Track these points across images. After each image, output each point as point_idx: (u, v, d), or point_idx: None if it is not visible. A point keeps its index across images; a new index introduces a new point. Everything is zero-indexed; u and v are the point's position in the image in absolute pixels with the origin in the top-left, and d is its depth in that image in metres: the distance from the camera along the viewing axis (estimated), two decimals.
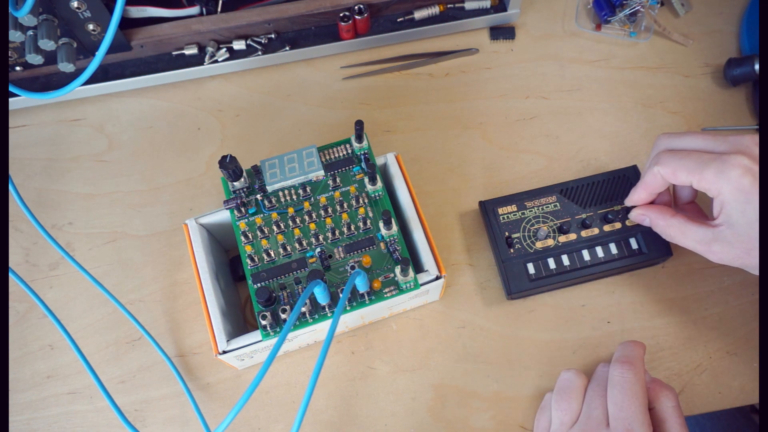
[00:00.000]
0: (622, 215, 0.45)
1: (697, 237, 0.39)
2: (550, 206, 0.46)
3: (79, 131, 0.54)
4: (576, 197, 0.46)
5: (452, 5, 0.55)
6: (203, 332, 0.46)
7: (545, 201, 0.46)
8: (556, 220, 0.45)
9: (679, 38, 0.55)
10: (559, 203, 0.46)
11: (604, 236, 0.45)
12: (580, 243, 0.45)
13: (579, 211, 0.46)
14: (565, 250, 0.45)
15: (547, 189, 0.47)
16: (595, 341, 0.45)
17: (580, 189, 0.46)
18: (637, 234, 0.45)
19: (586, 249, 0.45)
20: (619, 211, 0.45)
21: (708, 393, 0.43)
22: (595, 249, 0.45)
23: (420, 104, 0.54)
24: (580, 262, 0.44)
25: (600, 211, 0.46)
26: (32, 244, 0.50)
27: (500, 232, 0.45)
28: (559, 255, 0.45)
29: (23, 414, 0.44)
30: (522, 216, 0.46)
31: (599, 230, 0.45)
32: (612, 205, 0.46)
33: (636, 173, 0.47)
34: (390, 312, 0.44)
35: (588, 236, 0.45)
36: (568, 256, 0.45)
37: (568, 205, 0.46)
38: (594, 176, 0.47)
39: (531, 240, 0.45)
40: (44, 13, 0.44)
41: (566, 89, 0.54)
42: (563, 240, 0.45)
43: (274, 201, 0.43)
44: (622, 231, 0.45)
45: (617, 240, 0.45)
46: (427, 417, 0.43)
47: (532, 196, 0.46)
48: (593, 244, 0.45)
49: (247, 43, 0.53)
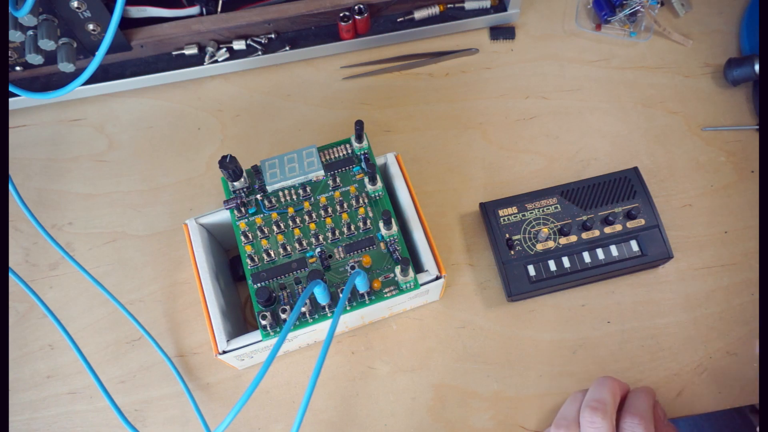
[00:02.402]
0: (623, 217, 0.45)
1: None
2: (550, 208, 0.46)
3: (79, 131, 0.54)
4: (576, 199, 0.46)
5: (452, 5, 0.55)
6: (203, 332, 0.46)
7: (546, 203, 0.46)
8: (556, 222, 0.45)
9: (679, 38, 0.55)
10: (559, 205, 0.46)
11: (604, 238, 0.45)
12: (580, 245, 0.45)
13: (579, 213, 0.46)
14: (566, 252, 0.45)
15: (548, 191, 0.46)
16: (595, 341, 0.45)
17: (580, 191, 0.46)
18: (637, 236, 0.45)
19: (586, 251, 0.45)
20: (620, 213, 0.45)
21: (708, 393, 0.43)
22: (595, 251, 0.45)
23: (420, 104, 0.54)
24: (580, 264, 0.44)
25: (601, 213, 0.45)
26: (32, 244, 0.50)
27: (501, 234, 0.45)
28: (560, 257, 0.45)
29: (23, 414, 0.44)
30: (522, 218, 0.46)
31: (600, 232, 0.45)
32: (613, 207, 0.46)
33: (636, 175, 0.46)
34: (390, 312, 0.44)
35: (589, 238, 0.45)
36: (569, 257, 0.45)
37: (569, 207, 0.46)
38: (595, 178, 0.47)
39: (531, 242, 0.45)
40: (44, 13, 0.44)
41: (566, 89, 0.54)
42: (564, 242, 0.45)
43: (274, 201, 0.43)
44: (622, 233, 0.45)
45: (618, 242, 0.45)
46: (427, 417, 0.43)
47: (532, 198, 0.46)
48: (594, 246, 0.45)
49: (247, 43, 0.53)
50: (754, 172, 0.50)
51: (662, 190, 0.49)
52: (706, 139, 0.51)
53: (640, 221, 0.45)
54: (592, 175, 0.50)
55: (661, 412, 0.40)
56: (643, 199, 0.46)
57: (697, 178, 0.50)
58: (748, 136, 0.51)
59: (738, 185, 0.49)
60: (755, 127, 0.51)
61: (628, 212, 0.45)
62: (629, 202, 0.46)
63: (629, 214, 0.45)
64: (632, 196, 0.46)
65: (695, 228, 0.48)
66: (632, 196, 0.46)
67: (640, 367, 0.44)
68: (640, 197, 0.46)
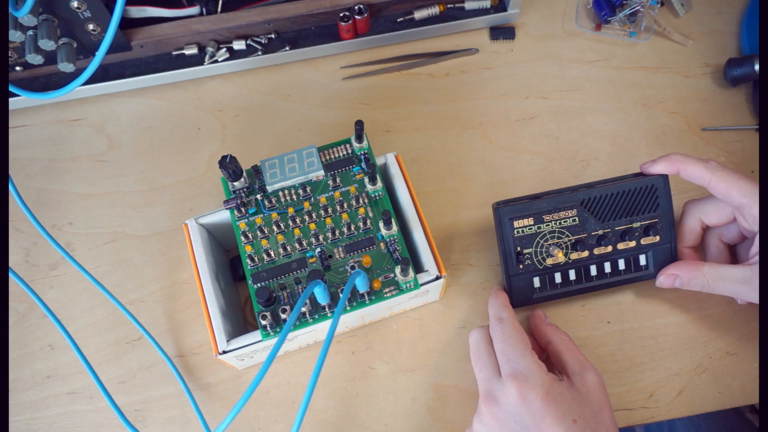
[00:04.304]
0: (640, 234, 0.43)
1: (736, 278, 0.39)
2: (568, 221, 0.43)
3: (79, 131, 0.54)
4: (597, 210, 0.43)
5: (452, 5, 0.55)
6: (203, 332, 0.46)
7: (564, 215, 0.43)
8: (571, 237, 0.43)
9: (679, 38, 0.55)
10: (578, 218, 0.43)
11: (615, 253, 0.43)
12: (590, 260, 0.43)
13: (597, 226, 0.43)
14: (574, 266, 0.44)
15: (568, 198, 0.43)
16: (595, 341, 0.45)
17: (603, 200, 0.43)
18: (648, 251, 0.44)
19: (594, 265, 0.44)
20: (638, 228, 0.43)
21: (708, 393, 0.43)
22: (603, 264, 0.44)
23: (420, 104, 0.54)
24: (586, 278, 0.44)
25: (618, 228, 0.43)
26: (32, 244, 0.50)
27: (512, 247, 0.43)
28: (567, 270, 0.44)
29: (23, 414, 0.44)
30: (538, 230, 0.43)
31: (612, 248, 0.43)
32: (632, 222, 0.43)
33: (665, 184, 0.43)
34: (390, 312, 0.44)
35: (600, 253, 0.43)
36: (575, 271, 0.44)
37: (587, 219, 0.43)
38: (621, 184, 0.43)
39: (542, 256, 0.43)
40: (44, 13, 0.44)
41: (566, 89, 0.54)
42: (575, 257, 0.43)
43: (274, 201, 0.43)
44: (634, 249, 0.44)
45: (627, 257, 0.44)
46: (427, 417, 0.43)
47: (551, 207, 0.42)
48: (603, 260, 0.44)
49: (247, 43, 0.53)
50: (754, 172, 0.50)
51: None
52: (706, 139, 0.51)
53: (655, 238, 0.43)
54: (592, 175, 0.50)
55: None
56: (665, 212, 0.43)
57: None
58: (748, 136, 0.51)
59: None
60: (755, 127, 0.51)
61: (647, 228, 0.43)
62: (650, 215, 0.43)
63: (646, 230, 0.43)
64: (654, 209, 0.43)
65: None
66: (654, 209, 0.43)
67: (640, 367, 0.44)
68: (662, 210, 0.43)
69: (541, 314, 0.44)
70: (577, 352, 0.40)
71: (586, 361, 0.39)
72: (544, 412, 0.35)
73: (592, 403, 0.36)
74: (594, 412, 0.36)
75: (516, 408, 0.36)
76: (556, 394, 0.36)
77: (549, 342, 0.41)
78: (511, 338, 0.39)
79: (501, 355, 0.39)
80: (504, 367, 0.38)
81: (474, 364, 0.40)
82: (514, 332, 0.39)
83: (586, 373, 0.38)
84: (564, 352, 0.39)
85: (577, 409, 0.36)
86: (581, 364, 0.38)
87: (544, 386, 0.36)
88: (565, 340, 0.41)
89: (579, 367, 0.38)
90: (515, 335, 0.39)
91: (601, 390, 0.37)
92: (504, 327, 0.39)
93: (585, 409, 0.36)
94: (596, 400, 0.37)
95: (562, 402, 0.36)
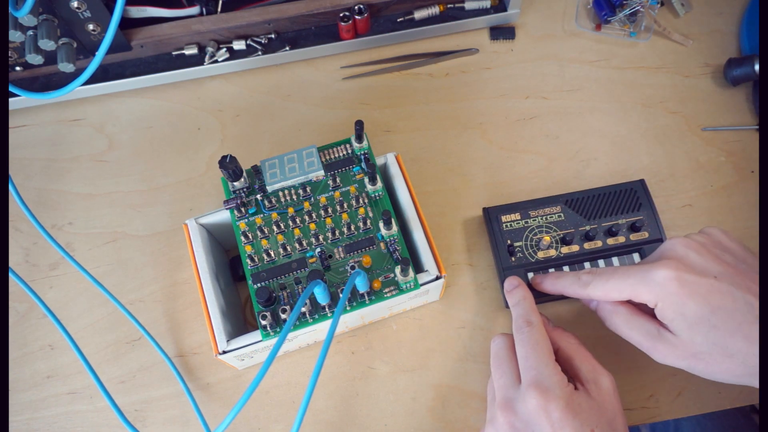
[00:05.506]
0: (627, 229, 0.45)
1: (642, 330, 0.38)
2: (554, 216, 0.45)
3: (79, 131, 0.54)
4: (581, 208, 0.46)
5: (452, 5, 0.55)
6: (203, 332, 0.46)
7: (549, 211, 0.46)
8: (559, 231, 0.45)
9: (679, 38, 0.55)
10: (563, 214, 0.45)
11: (606, 249, 0.44)
12: (582, 255, 0.44)
13: (583, 222, 0.45)
14: (567, 261, 0.44)
15: (552, 199, 0.46)
16: (595, 341, 0.45)
17: (585, 200, 0.46)
18: (641, 249, 0.44)
19: (587, 261, 0.44)
20: (623, 224, 0.45)
21: (708, 393, 0.43)
22: (597, 262, 0.44)
23: (420, 104, 0.54)
24: None
25: (604, 224, 0.45)
26: (32, 244, 0.50)
27: (502, 240, 0.45)
28: (561, 265, 0.44)
29: (23, 414, 0.44)
30: (525, 225, 0.45)
31: (602, 243, 0.44)
32: (617, 219, 0.45)
33: (643, 188, 0.46)
34: (390, 312, 0.44)
35: (591, 248, 0.44)
36: (569, 267, 0.44)
37: (573, 216, 0.45)
38: (600, 188, 0.46)
39: (533, 249, 0.45)
40: (44, 13, 0.44)
41: (566, 89, 0.54)
42: (566, 251, 0.44)
43: (274, 201, 0.43)
44: (625, 245, 0.44)
45: (620, 254, 0.44)
46: (427, 417, 0.43)
47: (536, 205, 0.46)
48: (595, 256, 0.44)
49: (247, 43, 0.53)
50: (754, 172, 0.50)
51: (662, 191, 0.49)
52: (706, 139, 0.51)
53: (643, 234, 0.45)
54: (592, 175, 0.50)
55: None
56: (648, 212, 0.45)
57: (697, 178, 0.50)
58: (748, 136, 0.51)
59: (738, 185, 0.49)
60: (755, 127, 0.51)
61: (632, 225, 0.44)
62: (634, 214, 0.45)
63: (633, 227, 0.44)
64: (637, 209, 0.45)
65: (695, 228, 0.48)
66: (637, 209, 0.45)
67: (640, 366, 0.44)
68: (645, 210, 0.45)
69: (545, 319, 0.43)
70: (588, 357, 0.39)
71: (598, 365, 0.38)
72: (563, 423, 0.35)
73: (607, 412, 0.36)
74: (609, 420, 0.36)
75: (534, 418, 0.35)
76: (575, 406, 0.35)
77: (558, 348, 0.40)
78: (538, 344, 0.38)
79: (524, 361, 0.38)
80: (525, 374, 0.37)
81: (494, 370, 0.39)
82: (542, 339, 0.38)
83: (601, 379, 0.37)
84: (575, 358, 0.39)
85: (595, 419, 0.35)
86: (594, 370, 0.38)
87: (565, 398, 0.35)
88: (574, 344, 0.40)
89: (592, 374, 0.37)
90: (542, 342, 0.38)
91: (615, 395, 0.37)
92: (532, 332, 0.39)
93: (601, 419, 0.36)
94: (611, 408, 0.36)
95: (580, 413, 0.35)
